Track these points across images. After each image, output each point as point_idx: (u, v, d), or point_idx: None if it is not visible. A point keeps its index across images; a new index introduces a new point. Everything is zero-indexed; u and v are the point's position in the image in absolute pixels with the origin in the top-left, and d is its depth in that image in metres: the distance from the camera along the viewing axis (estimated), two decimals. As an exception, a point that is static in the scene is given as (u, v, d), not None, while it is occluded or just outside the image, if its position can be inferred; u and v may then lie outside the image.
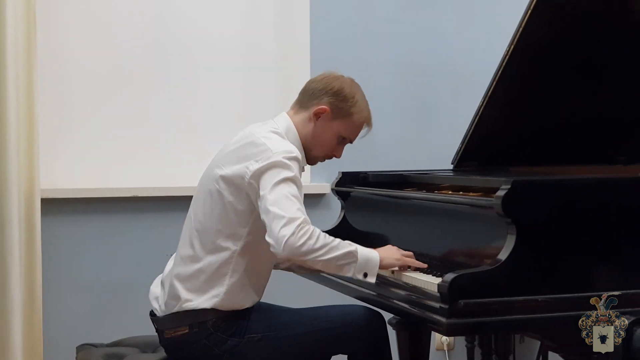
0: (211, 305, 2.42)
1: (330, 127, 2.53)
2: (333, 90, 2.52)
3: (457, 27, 3.90)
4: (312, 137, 2.53)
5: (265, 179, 2.34)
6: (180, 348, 2.47)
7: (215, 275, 2.42)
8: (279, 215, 2.28)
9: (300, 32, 3.74)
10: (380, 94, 3.82)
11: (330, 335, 2.49)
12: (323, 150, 2.56)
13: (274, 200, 2.31)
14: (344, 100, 2.52)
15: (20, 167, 3.25)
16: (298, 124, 2.53)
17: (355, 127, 2.56)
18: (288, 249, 2.28)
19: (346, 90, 2.53)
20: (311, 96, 2.53)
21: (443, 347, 3.82)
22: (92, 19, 3.60)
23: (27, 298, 3.27)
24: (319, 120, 2.51)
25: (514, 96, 2.95)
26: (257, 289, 2.50)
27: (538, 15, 2.72)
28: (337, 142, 2.57)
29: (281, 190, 2.32)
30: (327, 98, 2.51)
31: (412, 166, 3.43)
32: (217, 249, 2.42)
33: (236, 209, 2.41)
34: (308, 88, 2.56)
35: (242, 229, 2.42)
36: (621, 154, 3.13)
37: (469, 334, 3.26)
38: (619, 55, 2.92)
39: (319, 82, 2.55)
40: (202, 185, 2.53)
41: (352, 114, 2.53)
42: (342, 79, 2.57)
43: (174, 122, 3.68)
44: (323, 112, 2.51)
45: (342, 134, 2.55)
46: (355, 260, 2.37)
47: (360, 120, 2.55)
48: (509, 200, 2.14)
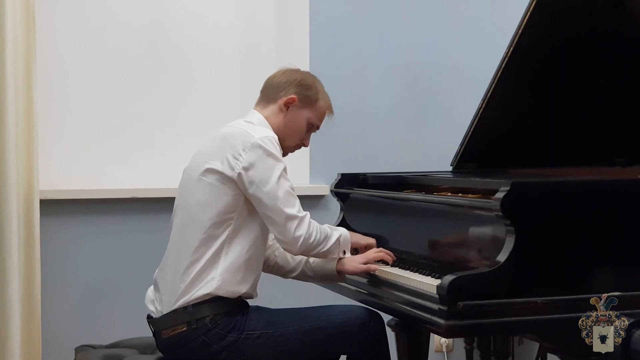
0: (208, 290, 2.43)
1: (300, 115, 2.63)
2: (297, 81, 2.64)
3: (456, 29, 3.90)
4: (284, 127, 2.62)
5: (260, 170, 2.44)
6: (179, 347, 2.47)
7: (209, 262, 2.45)
8: (291, 215, 2.45)
9: (299, 35, 3.74)
10: (380, 96, 3.83)
11: (329, 334, 2.49)
12: (295, 139, 2.66)
13: (281, 199, 2.44)
14: (309, 88, 2.64)
15: (19, 168, 3.25)
16: (269, 117, 2.62)
17: (321, 113, 2.68)
18: (303, 248, 2.48)
19: (308, 80, 2.67)
20: (277, 89, 2.63)
21: (442, 349, 3.82)
22: (91, 21, 3.59)
23: (25, 299, 3.27)
24: (289, 110, 2.62)
25: (513, 98, 2.95)
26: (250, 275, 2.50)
27: (537, 17, 2.72)
28: (307, 130, 2.67)
29: (283, 187, 2.45)
30: (293, 89, 2.62)
31: (411, 168, 3.44)
32: (209, 238, 2.45)
33: (224, 195, 2.46)
34: (271, 83, 2.67)
35: (231, 214, 2.47)
36: (620, 155, 3.13)
37: (467, 335, 3.26)
38: (617, 57, 2.92)
39: (282, 76, 2.66)
40: (185, 182, 2.58)
41: (318, 100, 2.65)
42: (301, 71, 2.71)
43: (172, 124, 3.68)
44: (292, 101, 2.61)
45: (311, 121, 2.66)
46: (338, 243, 2.58)
47: (324, 106, 2.68)
48: (508, 202, 2.14)
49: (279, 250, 2.72)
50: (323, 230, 2.52)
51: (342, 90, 3.76)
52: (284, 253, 2.72)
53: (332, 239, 2.54)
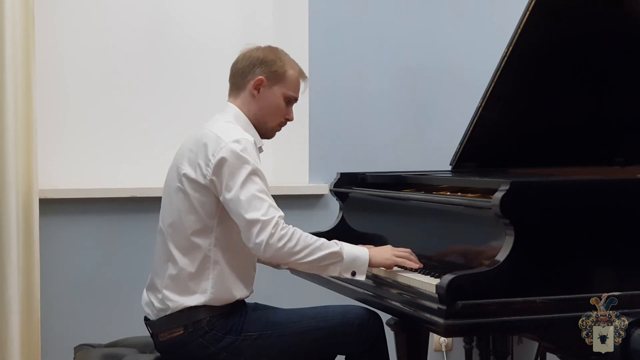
0: (203, 302, 2.42)
1: (273, 93, 2.56)
2: (259, 59, 2.56)
3: (456, 29, 3.90)
4: (260, 110, 2.56)
5: (225, 176, 2.37)
6: (176, 350, 2.46)
7: (197, 272, 2.43)
8: (252, 219, 2.32)
9: (298, 35, 3.74)
10: (379, 95, 3.83)
11: (328, 334, 2.49)
12: (276, 117, 2.59)
13: (243, 203, 2.34)
14: (273, 63, 2.55)
15: (19, 168, 3.25)
16: (242, 106, 2.56)
17: (294, 83, 2.59)
18: (268, 253, 2.33)
19: (270, 55, 2.57)
20: (242, 75, 2.57)
21: (441, 348, 3.82)
22: (90, 21, 3.60)
23: (25, 298, 3.27)
24: (260, 92, 2.55)
25: (513, 97, 2.95)
26: (244, 277, 2.50)
27: (536, 17, 2.72)
28: (286, 105, 2.59)
29: (248, 190, 2.35)
30: (258, 69, 2.54)
31: (411, 167, 3.44)
32: (193, 247, 2.43)
33: (202, 202, 2.42)
34: (235, 70, 2.60)
35: (211, 221, 2.43)
36: (619, 155, 3.13)
37: (467, 335, 3.26)
38: (617, 57, 2.92)
39: (242, 61, 2.58)
40: (167, 186, 2.56)
41: (286, 71, 2.56)
42: (261, 48, 2.61)
43: (171, 123, 3.68)
44: (260, 82, 2.54)
45: (287, 95, 2.57)
46: (340, 260, 2.40)
47: (295, 75, 2.58)
48: (507, 202, 2.14)
49: None
50: (304, 240, 2.36)
51: (342, 90, 3.77)
52: None
53: (321, 251, 2.37)
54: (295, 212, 3.52)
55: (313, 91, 3.70)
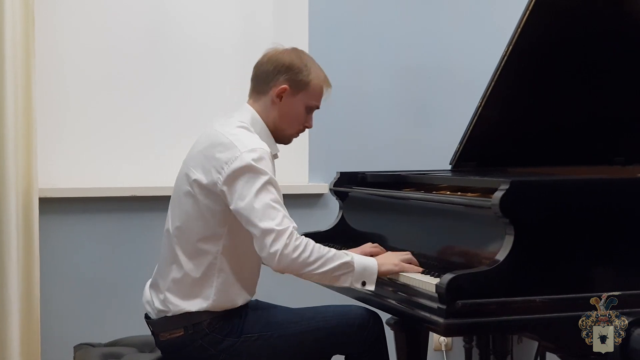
0: (204, 308, 2.41)
1: (296, 102, 2.50)
2: (285, 66, 2.48)
3: (455, 28, 3.90)
4: (280, 118, 2.50)
5: (239, 186, 2.31)
6: (176, 350, 2.46)
7: (201, 278, 2.41)
8: (267, 229, 2.27)
9: (298, 35, 3.73)
10: (379, 95, 3.83)
11: (327, 334, 2.48)
12: (296, 126, 2.54)
13: (258, 211, 2.28)
14: (299, 72, 2.49)
15: (18, 167, 3.25)
16: (261, 111, 2.51)
17: (317, 93, 2.53)
18: (282, 264, 2.28)
19: (296, 62, 2.50)
20: (265, 80, 2.50)
21: (441, 348, 3.82)
22: (90, 20, 3.59)
23: (24, 297, 3.27)
24: (282, 100, 2.49)
25: (512, 97, 2.95)
26: (247, 285, 2.49)
27: (536, 16, 2.72)
28: (306, 113, 2.54)
29: (262, 199, 2.29)
30: (282, 76, 2.48)
31: (410, 166, 3.44)
32: (199, 252, 2.40)
33: (212, 209, 2.38)
34: (259, 72, 2.53)
35: (220, 229, 2.40)
36: (619, 154, 3.13)
37: (466, 334, 3.26)
38: (617, 56, 2.92)
39: (268, 63, 2.51)
40: (177, 188, 2.51)
41: (311, 81, 2.50)
42: (288, 52, 2.53)
43: (171, 122, 3.68)
44: (284, 91, 2.48)
45: (309, 103, 2.52)
46: (351, 270, 2.36)
47: (319, 84, 2.52)
48: (507, 201, 2.14)
49: None
50: (318, 251, 2.31)
51: (341, 89, 3.74)
52: None
53: (333, 262, 2.32)
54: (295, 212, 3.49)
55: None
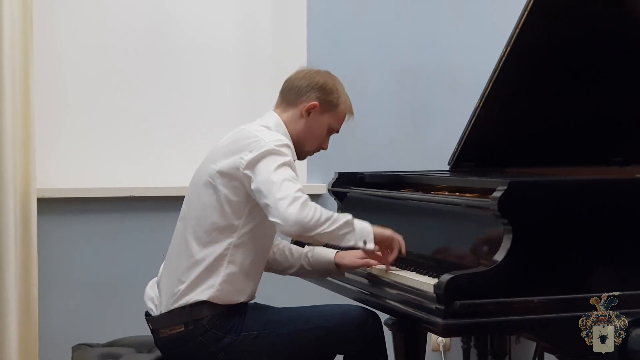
0: (206, 297, 2.42)
1: (321, 121, 2.58)
2: (318, 85, 2.57)
3: (454, 29, 3.90)
4: (304, 133, 2.57)
5: (261, 166, 2.38)
6: (176, 347, 2.47)
7: (210, 267, 2.43)
8: (283, 196, 2.33)
9: (297, 35, 3.74)
10: (377, 95, 3.83)
11: (326, 334, 2.49)
12: (315, 143, 2.61)
13: (275, 184, 2.34)
14: (330, 93, 2.57)
15: (17, 167, 3.24)
16: (288, 121, 2.57)
17: (341, 117, 2.62)
18: (297, 226, 2.32)
19: (330, 83, 2.59)
20: (297, 93, 2.57)
21: (439, 348, 3.82)
22: (89, 20, 3.59)
23: (22, 298, 3.27)
24: (310, 115, 2.56)
25: (510, 97, 2.95)
26: (250, 284, 2.50)
27: (534, 17, 2.72)
28: (327, 134, 2.63)
29: (281, 174, 2.36)
30: (315, 93, 2.56)
31: (409, 167, 3.44)
32: (213, 242, 2.44)
33: (231, 200, 2.42)
34: (292, 86, 2.60)
35: (237, 221, 2.43)
36: (617, 155, 3.13)
37: (465, 334, 3.26)
38: (615, 57, 2.93)
39: (303, 79, 2.59)
40: (195, 182, 2.55)
41: (339, 104, 2.59)
42: (322, 73, 2.62)
43: (170, 122, 3.68)
44: (314, 107, 2.55)
45: (332, 125, 2.61)
46: (353, 230, 2.43)
47: (345, 110, 2.62)
48: (505, 201, 2.14)
49: (278, 247, 2.71)
50: (326, 212, 2.38)
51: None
52: (282, 249, 2.71)
53: (339, 221, 2.39)
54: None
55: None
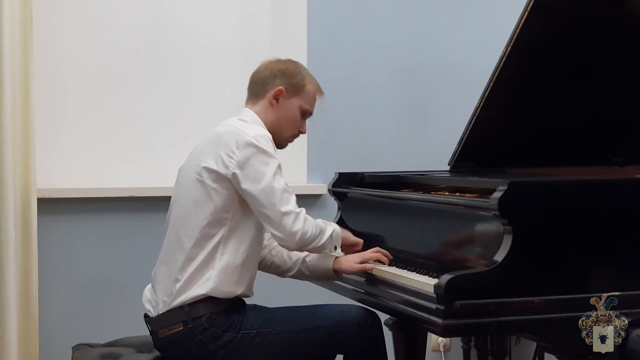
0: (205, 291, 2.43)
1: (291, 105, 2.63)
2: (280, 71, 2.63)
3: (454, 28, 3.90)
4: (277, 119, 2.63)
5: (253, 168, 2.44)
6: (175, 346, 2.47)
7: (205, 261, 2.45)
8: (287, 211, 2.45)
9: (297, 34, 3.74)
10: (377, 94, 3.83)
11: (326, 333, 2.49)
12: (292, 129, 2.66)
13: (277, 194, 2.44)
14: (294, 76, 2.64)
15: (17, 167, 3.24)
16: (260, 113, 2.63)
17: (311, 97, 2.67)
18: (300, 242, 2.48)
19: (291, 68, 2.66)
20: (263, 84, 2.64)
21: (439, 348, 3.82)
22: (89, 20, 3.59)
23: (23, 298, 3.27)
24: (279, 102, 2.62)
25: (511, 97, 2.95)
26: (246, 276, 2.51)
27: (534, 17, 2.72)
28: (301, 118, 2.67)
29: (277, 184, 2.46)
30: (279, 80, 2.62)
31: (409, 167, 3.44)
32: (205, 237, 2.46)
33: (219, 193, 2.46)
34: (256, 78, 2.67)
35: (226, 214, 2.47)
36: (617, 155, 3.13)
37: (465, 335, 3.26)
38: (615, 57, 2.92)
39: (265, 70, 2.66)
40: (181, 181, 2.59)
41: (305, 85, 2.65)
42: (284, 61, 2.69)
43: (170, 123, 3.68)
44: (280, 93, 2.61)
45: (303, 108, 2.65)
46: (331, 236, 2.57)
47: (313, 90, 2.67)
48: (505, 202, 2.14)
49: (276, 250, 2.72)
50: (318, 225, 2.52)
51: (340, 89, 3.76)
52: (280, 252, 2.72)
53: (326, 234, 2.54)
54: (294, 212, 3.52)
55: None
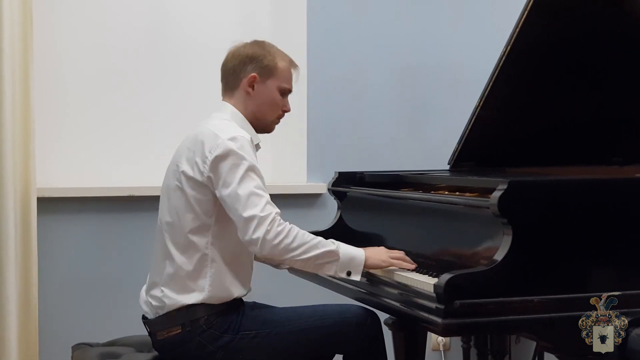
0: (200, 300, 2.42)
1: (268, 88, 2.57)
2: (248, 56, 2.57)
3: (454, 28, 3.90)
4: (257, 107, 2.57)
5: (223, 172, 2.38)
6: (174, 348, 2.46)
7: (194, 271, 2.43)
8: (250, 216, 2.33)
9: (297, 34, 3.73)
10: (377, 94, 3.83)
11: (325, 333, 2.49)
12: (274, 111, 2.60)
13: (241, 199, 2.35)
14: (263, 58, 2.57)
15: (16, 167, 3.24)
16: (238, 104, 2.58)
17: (286, 75, 2.60)
18: (265, 250, 2.34)
19: (258, 50, 2.59)
20: (234, 74, 2.58)
21: (439, 348, 3.82)
22: (89, 20, 3.59)
23: (22, 297, 3.27)
24: (254, 89, 2.56)
25: (511, 97, 2.95)
26: (241, 275, 2.50)
27: (534, 16, 2.72)
28: (281, 97, 2.60)
29: (246, 186, 2.36)
30: (249, 66, 2.56)
31: (409, 166, 3.44)
32: (190, 245, 2.44)
33: (199, 200, 2.43)
34: (227, 70, 2.61)
35: (209, 219, 2.44)
36: (617, 155, 3.13)
37: (464, 334, 3.26)
38: (614, 57, 2.92)
39: (233, 59, 2.60)
40: (165, 184, 2.57)
41: (277, 64, 2.58)
42: (249, 44, 2.62)
43: (170, 123, 3.68)
44: (253, 79, 2.55)
45: (281, 87, 2.59)
46: (336, 259, 2.41)
47: (286, 66, 2.60)
48: (505, 201, 2.14)
49: None
50: (301, 237, 2.37)
51: (340, 89, 3.77)
52: None
53: (316, 250, 2.38)
54: (293, 211, 3.51)
55: (311, 90, 3.71)
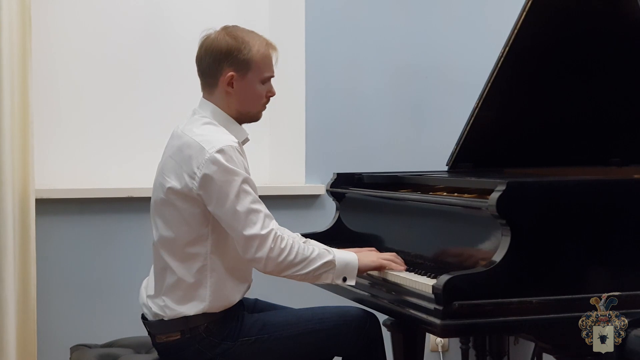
0: (201, 311, 2.40)
1: (248, 83, 2.46)
2: (222, 52, 2.44)
3: (452, 28, 3.90)
4: (240, 103, 2.47)
5: (216, 190, 2.31)
6: (173, 353, 2.45)
7: (195, 281, 2.40)
8: (250, 235, 2.30)
9: (296, 36, 3.73)
10: (376, 95, 3.83)
11: (324, 336, 2.48)
12: (258, 102, 2.50)
13: (240, 217, 2.30)
14: (238, 52, 2.43)
15: (15, 168, 3.24)
16: (219, 103, 2.48)
17: (266, 63, 2.48)
18: (269, 267, 2.34)
19: (231, 42, 2.44)
20: (211, 73, 2.48)
21: (437, 349, 3.82)
22: (87, 21, 3.59)
23: (21, 298, 3.26)
24: (234, 87, 2.45)
25: (509, 97, 2.95)
26: (242, 277, 2.48)
27: (533, 17, 2.73)
28: (264, 85, 2.50)
29: (242, 204, 2.31)
30: (225, 63, 2.44)
31: (407, 167, 3.44)
32: (189, 257, 2.40)
33: (192, 212, 2.38)
34: (202, 67, 2.50)
35: (204, 229, 2.39)
36: (615, 155, 3.13)
37: (463, 335, 3.26)
38: (613, 57, 2.93)
39: (206, 55, 2.47)
40: (154, 197, 2.50)
41: (253, 55, 2.44)
42: (221, 36, 2.46)
43: (169, 123, 3.65)
44: (232, 78, 2.45)
45: (262, 76, 2.48)
46: (333, 268, 2.41)
47: (263, 53, 2.47)
48: (503, 202, 2.14)
49: None
50: (301, 253, 2.35)
51: (338, 90, 3.77)
52: None
53: (315, 263, 2.37)
54: (292, 213, 3.52)
55: (309, 91, 3.71)
